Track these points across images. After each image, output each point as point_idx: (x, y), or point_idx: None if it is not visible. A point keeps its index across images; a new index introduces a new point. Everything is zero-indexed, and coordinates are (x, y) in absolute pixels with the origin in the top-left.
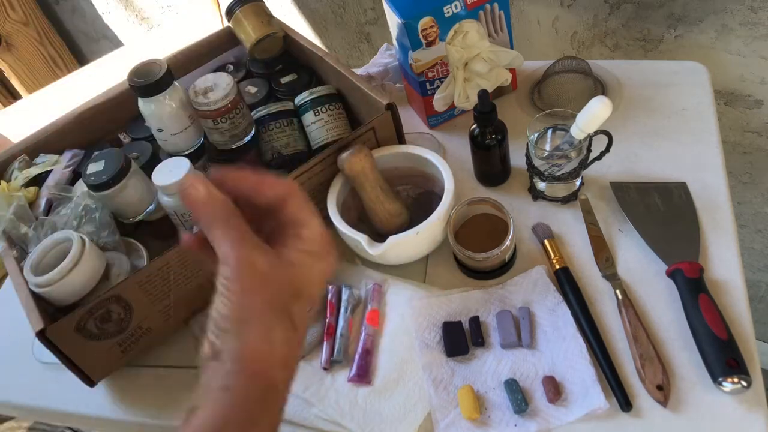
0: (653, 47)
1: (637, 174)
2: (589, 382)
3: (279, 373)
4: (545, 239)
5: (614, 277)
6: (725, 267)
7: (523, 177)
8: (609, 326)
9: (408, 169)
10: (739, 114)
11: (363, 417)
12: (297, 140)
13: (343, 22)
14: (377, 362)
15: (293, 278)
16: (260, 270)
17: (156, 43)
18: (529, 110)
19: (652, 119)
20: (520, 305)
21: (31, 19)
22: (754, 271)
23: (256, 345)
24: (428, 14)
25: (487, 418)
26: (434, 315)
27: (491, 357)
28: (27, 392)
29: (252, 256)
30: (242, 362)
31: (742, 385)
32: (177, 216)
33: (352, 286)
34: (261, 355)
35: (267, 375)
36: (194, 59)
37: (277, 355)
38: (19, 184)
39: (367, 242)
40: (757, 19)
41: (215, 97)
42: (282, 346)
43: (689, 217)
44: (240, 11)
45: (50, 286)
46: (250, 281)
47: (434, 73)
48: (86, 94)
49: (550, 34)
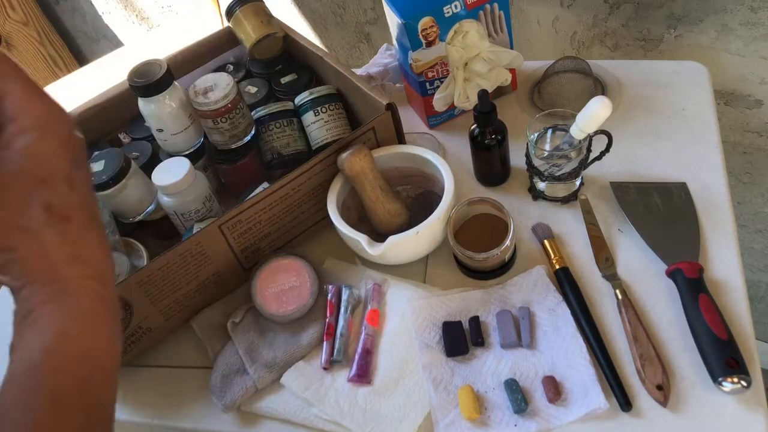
0: (653, 47)
1: (637, 174)
2: (589, 382)
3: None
4: (545, 239)
5: (614, 277)
6: (725, 267)
7: (523, 177)
8: (609, 326)
9: (408, 169)
10: (739, 114)
11: (363, 417)
12: (297, 140)
13: (343, 22)
14: (377, 362)
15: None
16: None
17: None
18: (529, 110)
19: (652, 119)
20: (520, 305)
21: (31, 19)
22: (754, 271)
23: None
24: (428, 14)
25: (487, 418)
26: (434, 315)
27: (491, 357)
28: None
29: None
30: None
31: (742, 385)
32: (177, 216)
33: (352, 286)
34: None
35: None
36: (194, 59)
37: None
38: None
39: (367, 242)
40: (757, 19)
41: (215, 97)
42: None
43: (689, 217)
44: (240, 11)
45: None
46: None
47: (434, 73)
48: (86, 94)
49: (550, 34)
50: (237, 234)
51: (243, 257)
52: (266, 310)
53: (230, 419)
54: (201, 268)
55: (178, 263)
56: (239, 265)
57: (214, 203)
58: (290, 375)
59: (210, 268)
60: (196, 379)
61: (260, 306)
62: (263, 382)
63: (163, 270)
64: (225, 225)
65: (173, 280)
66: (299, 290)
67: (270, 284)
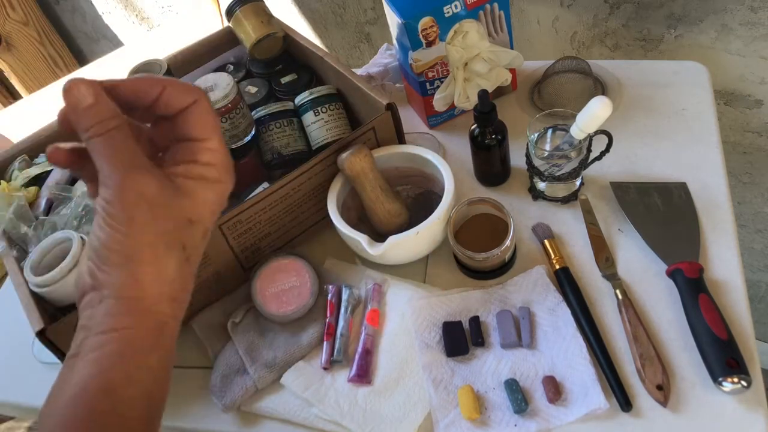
0: (653, 47)
1: (637, 174)
2: (589, 382)
3: (168, 308)
4: (545, 239)
5: (614, 277)
6: (725, 267)
7: (523, 177)
8: (609, 326)
9: (408, 169)
10: (739, 114)
11: (363, 417)
12: (297, 140)
13: (343, 22)
14: (377, 362)
15: (185, 207)
16: (149, 199)
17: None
18: (529, 110)
19: (652, 119)
20: (520, 305)
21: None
22: (754, 271)
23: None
24: (428, 14)
25: (487, 418)
26: (434, 315)
27: (491, 357)
28: (27, 392)
29: (140, 183)
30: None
31: (742, 385)
32: None
33: (352, 286)
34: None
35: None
36: (194, 59)
37: (167, 291)
38: (19, 184)
39: (367, 242)
40: (757, 19)
41: (215, 97)
42: (173, 282)
43: (689, 217)
44: (240, 11)
45: (50, 286)
46: (137, 211)
47: (434, 73)
48: None
49: (550, 34)
50: (237, 234)
51: (243, 257)
52: (266, 310)
53: (230, 419)
54: (201, 268)
55: None
56: (239, 265)
57: None
58: (290, 375)
59: (210, 268)
60: (196, 379)
61: (260, 306)
62: (263, 382)
63: None
64: (225, 225)
65: None
66: (299, 290)
67: (270, 284)
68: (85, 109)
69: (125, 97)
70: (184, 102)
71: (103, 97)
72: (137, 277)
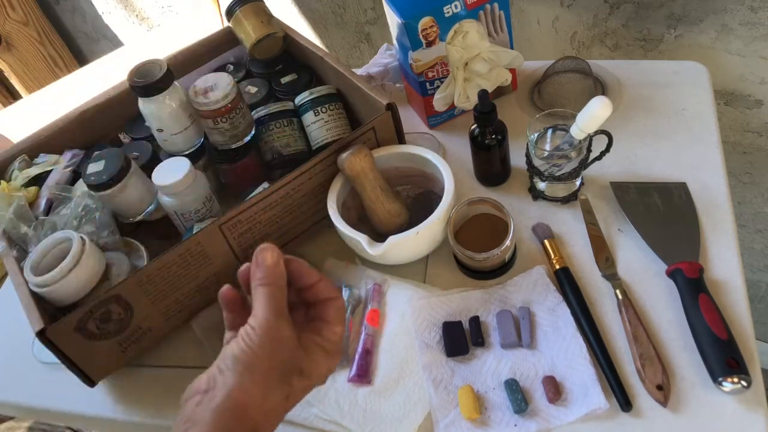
0: (653, 47)
1: (637, 174)
2: (589, 382)
3: (263, 421)
4: (545, 239)
5: (614, 277)
6: (725, 267)
7: (523, 177)
8: (609, 326)
9: (408, 169)
10: (739, 114)
11: (363, 417)
12: (297, 140)
13: (343, 22)
14: (377, 362)
15: (302, 360)
16: (281, 338)
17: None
18: (529, 110)
19: (652, 119)
20: (520, 305)
21: (31, 19)
22: (754, 271)
23: (251, 390)
24: (428, 14)
25: (487, 418)
26: (434, 315)
27: (491, 357)
28: (27, 392)
29: (281, 326)
30: (234, 402)
31: (742, 385)
32: (177, 216)
33: (352, 286)
34: (253, 400)
35: (253, 419)
36: (194, 59)
37: (266, 407)
38: (19, 184)
39: (367, 242)
40: (757, 19)
41: (215, 97)
42: (273, 403)
43: (689, 217)
44: (240, 11)
45: (50, 286)
46: (270, 341)
47: (434, 73)
48: (86, 94)
49: (550, 34)
50: (237, 234)
51: (243, 257)
52: None
53: None
54: (201, 268)
55: (178, 263)
56: (239, 266)
57: (214, 203)
58: None
59: (210, 268)
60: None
61: None
62: None
63: (163, 270)
64: (225, 225)
65: (173, 280)
66: None
67: None
68: (267, 266)
69: (291, 272)
70: (329, 296)
71: (281, 263)
72: (246, 383)
